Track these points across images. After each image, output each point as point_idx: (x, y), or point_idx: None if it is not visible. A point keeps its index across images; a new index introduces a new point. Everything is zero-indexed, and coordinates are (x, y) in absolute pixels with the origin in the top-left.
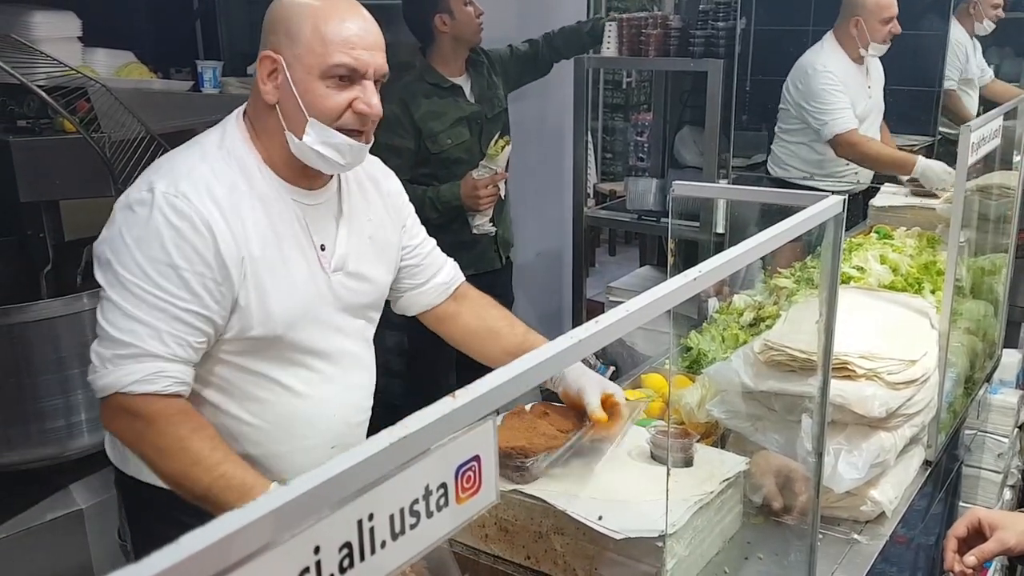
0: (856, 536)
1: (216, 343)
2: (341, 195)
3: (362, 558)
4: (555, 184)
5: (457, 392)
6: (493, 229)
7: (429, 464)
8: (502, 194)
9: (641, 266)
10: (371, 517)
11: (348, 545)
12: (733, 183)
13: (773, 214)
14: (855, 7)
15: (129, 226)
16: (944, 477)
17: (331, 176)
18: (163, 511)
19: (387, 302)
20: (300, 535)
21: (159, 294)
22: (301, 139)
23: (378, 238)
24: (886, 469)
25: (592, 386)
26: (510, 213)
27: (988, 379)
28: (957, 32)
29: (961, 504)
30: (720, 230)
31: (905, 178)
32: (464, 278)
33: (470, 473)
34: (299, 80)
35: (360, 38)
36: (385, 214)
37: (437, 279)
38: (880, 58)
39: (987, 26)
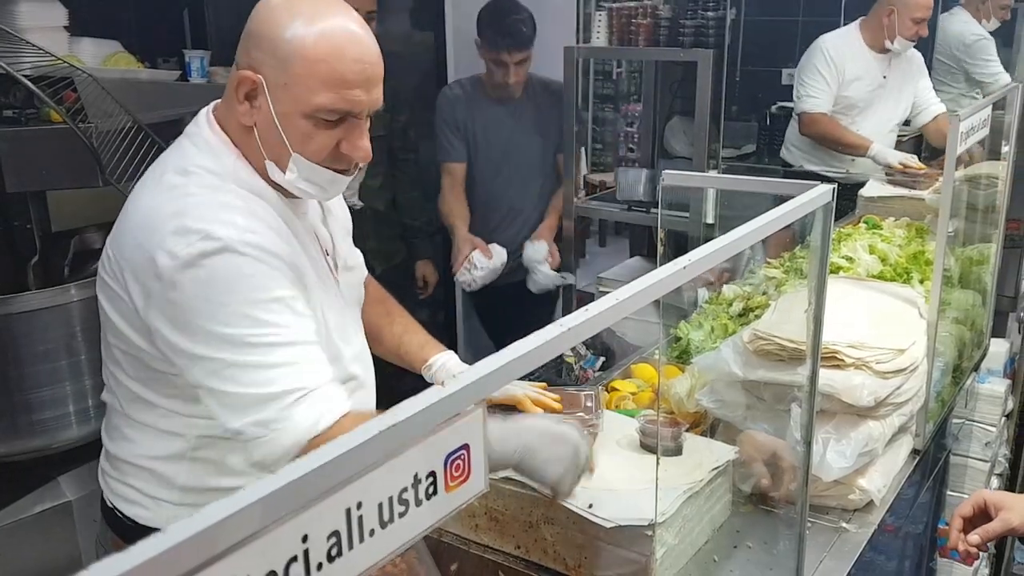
0: (844, 524)
1: None
2: None
3: (350, 547)
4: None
5: (446, 380)
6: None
7: (418, 452)
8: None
9: (631, 257)
10: (359, 506)
11: (336, 534)
12: (723, 174)
13: (764, 204)
14: None
15: (207, 282)
16: (932, 466)
17: None
18: None
19: None
20: (288, 523)
21: (278, 331)
22: (284, 173)
23: (347, 224)
24: (874, 458)
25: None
26: None
27: (976, 368)
28: (975, 26)
29: (949, 493)
30: (710, 220)
31: (882, 167)
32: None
33: (459, 462)
34: (282, 113)
35: (358, 73)
36: (339, 198)
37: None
38: None
39: (992, 24)
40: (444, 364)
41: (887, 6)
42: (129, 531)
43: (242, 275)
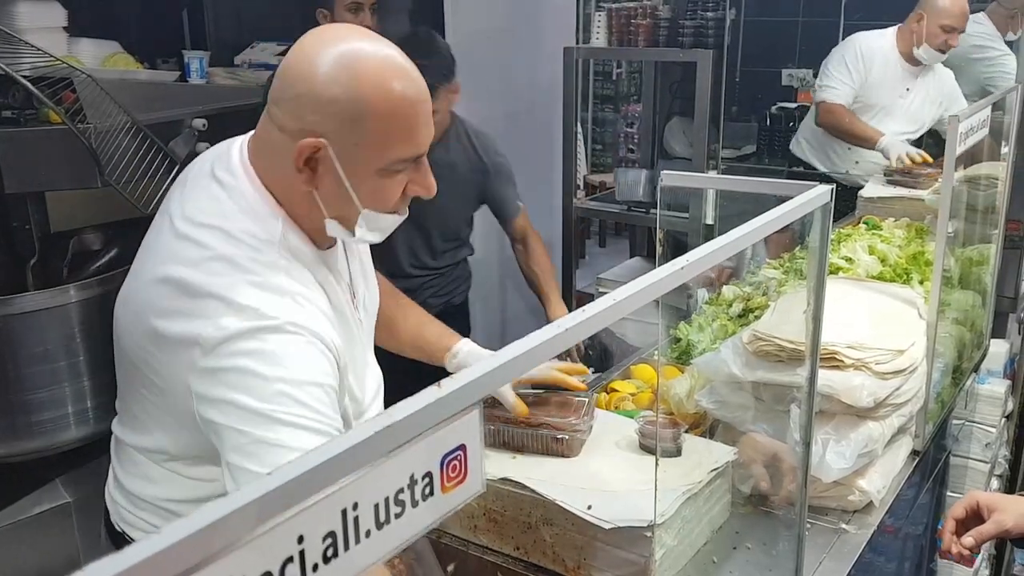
0: (844, 526)
1: None
2: None
3: (346, 548)
4: (544, 175)
5: (443, 381)
6: None
7: (414, 453)
8: None
9: (631, 257)
10: (355, 506)
11: (332, 535)
12: (723, 175)
13: (765, 205)
14: (924, 2)
15: (252, 355)
16: (932, 467)
17: None
18: None
19: None
20: (283, 524)
21: (312, 417)
22: (353, 232)
23: (368, 257)
24: (874, 459)
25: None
26: None
27: (976, 369)
28: (998, 40)
29: (949, 494)
30: (710, 221)
31: (883, 166)
32: None
33: (456, 462)
34: (353, 173)
35: (423, 113)
36: None
37: None
38: None
39: (1017, 36)
40: (470, 352)
41: (918, 11)
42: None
43: (291, 353)
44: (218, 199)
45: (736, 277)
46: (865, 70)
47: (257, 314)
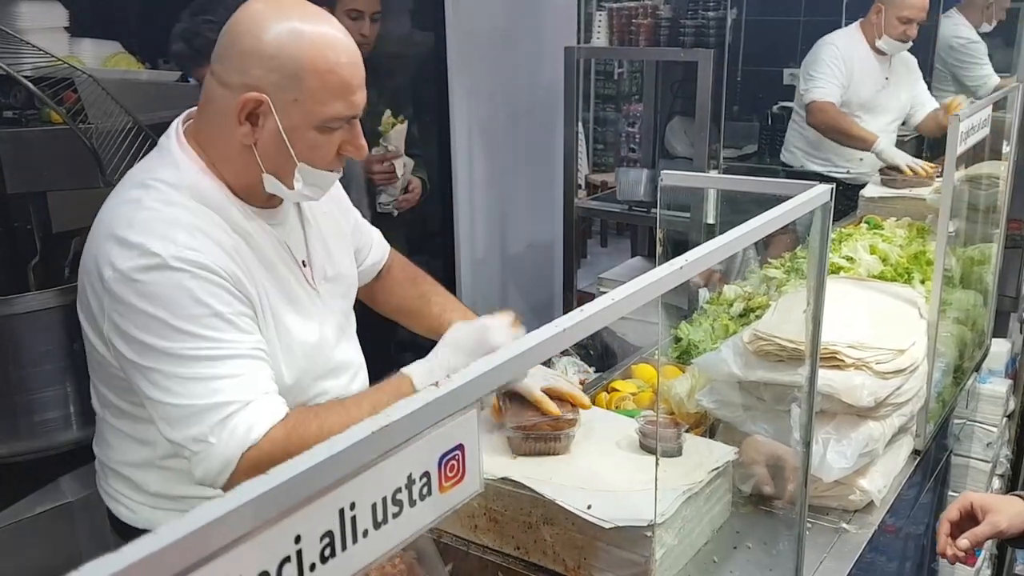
0: (845, 525)
1: None
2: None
3: (344, 547)
4: (546, 175)
5: (441, 381)
6: (395, 211)
7: (412, 453)
8: (399, 173)
9: (632, 257)
10: (353, 506)
11: (330, 534)
12: (723, 174)
13: (765, 204)
14: None
15: (144, 296)
16: (933, 466)
17: None
18: None
19: None
20: (280, 524)
21: (219, 346)
22: (291, 186)
23: (337, 229)
24: (875, 458)
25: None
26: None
27: (977, 368)
28: (965, 29)
29: (950, 493)
30: (711, 220)
31: (886, 165)
32: (389, 249)
33: (453, 462)
34: (291, 127)
35: (357, 76)
36: (330, 200)
37: (369, 260)
38: None
39: (992, 26)
40: None
41: (877, 4)
42: (121, 528)
43: (178, 291)
44: (150, 159)
45: (727, 280)
46: (848, 70)
47: (141, 250)
